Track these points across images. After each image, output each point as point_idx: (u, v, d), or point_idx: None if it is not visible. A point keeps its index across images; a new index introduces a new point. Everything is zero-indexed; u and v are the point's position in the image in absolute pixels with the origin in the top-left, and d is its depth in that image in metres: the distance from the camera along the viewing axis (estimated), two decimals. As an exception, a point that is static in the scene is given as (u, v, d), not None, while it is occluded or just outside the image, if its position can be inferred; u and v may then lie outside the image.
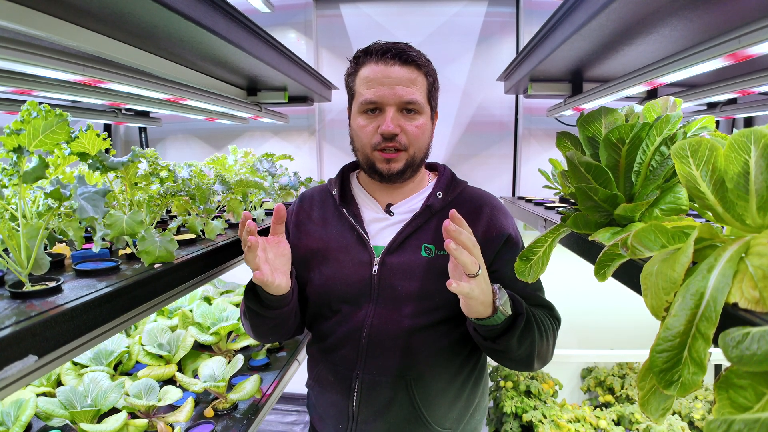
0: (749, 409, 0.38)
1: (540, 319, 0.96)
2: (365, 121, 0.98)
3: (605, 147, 0.74)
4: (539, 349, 0.93)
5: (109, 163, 0.85)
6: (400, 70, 0.95)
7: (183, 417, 1.26)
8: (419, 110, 0.98)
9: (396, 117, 0.96)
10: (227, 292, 2.11)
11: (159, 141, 2.88)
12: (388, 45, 0.97)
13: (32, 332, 0.58)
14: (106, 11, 0.93)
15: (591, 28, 1.04)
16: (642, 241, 0.51)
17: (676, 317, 0.45)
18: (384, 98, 0.95)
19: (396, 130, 0.95)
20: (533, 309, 0.98)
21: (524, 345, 0.90)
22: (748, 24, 0.77)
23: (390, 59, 0.95)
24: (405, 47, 0.97)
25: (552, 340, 0.98)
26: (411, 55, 0.96)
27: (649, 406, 0.48)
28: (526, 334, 0.89)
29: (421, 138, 0.99)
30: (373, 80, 0.96)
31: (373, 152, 0.99)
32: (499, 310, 0.84)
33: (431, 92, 1.01)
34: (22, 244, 0.73)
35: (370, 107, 0.97)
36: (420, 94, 0.97)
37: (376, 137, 0.97)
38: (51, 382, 1.38)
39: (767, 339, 0.35)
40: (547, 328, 0.97)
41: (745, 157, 0.45)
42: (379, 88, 0.95)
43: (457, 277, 0.80)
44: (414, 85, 0.96)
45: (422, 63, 0.98)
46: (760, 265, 0.43)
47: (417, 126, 0.98)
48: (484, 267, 0.82)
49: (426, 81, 0.99)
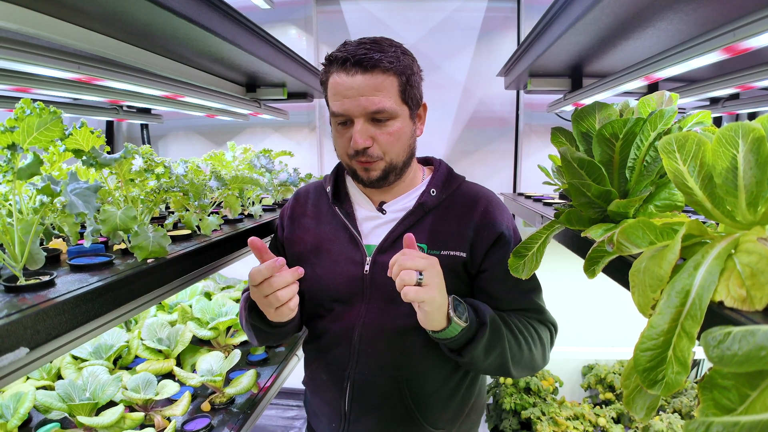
0: (733, 410, 0.37)
1: (518, 327, 0.93)
2: (340, 130, 0.95)
3: (598, 142, 0.73)
4: (516, 358, 0.91)
5: (102, 160, 0.85)
6: (362, 78, 0.88)
7: (180, 410, 1.27)
8: (391, 116, 0.91)
9: (365, 128, 0.91)
10: (228, 288, 2.12)
11: (161, 138, 2.89)
12: (348, 52, 0.89)
13: (23, 325, 0.59)
14: (99, 9, 0.93)
15: (586, 22, 1.02)
16: (629, 238, 0.51)
17: (660, 315, 0.44)
18: (350, 110, 0.90)
19: (366, 143, 0.91)
20: (513, 316, 0.96)
21: (492, 355, 0.88)
22: (743, 17, 0.75)
23: (351, 68, 0.88)
24: (367, 50, 0.88)
25: (539, 346, 0.96)
26: (372, 60, 0.87)
27: (634, 405, 0.48)
28: (494, 344, 0.87)
29: (397, 144, 0.94)
30: (338, 92, 0.90)
31: (351, 161, 0.96)
32: (453, 321, 0.82)
33: (406, 91, 0.93)
34: (17, 239, 0.73)
35: (341, 120, 0.93)
36: (390, 99, 0.90)
37: (350, 148, 0.93)
38: (51, 375, 1.40)
39: (749, 339, 0.34)
40: (529, 334, 0.94)
41: (733, 152, 0.45)
42: (344, 101, 0.90)
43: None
44: (380, 92, 0.89)
45: (388, 64, 0.89)
46: (749, 263, 0.42)
47: (390, 133, 0.92)
48: (436, 277, 0.80)
49: (397, 81, 0.91)
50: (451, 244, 0.97)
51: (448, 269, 0.96)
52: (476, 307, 0.90)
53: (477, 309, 0.89)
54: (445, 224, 0.99)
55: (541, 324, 1.00)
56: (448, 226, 0.99)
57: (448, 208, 1.01)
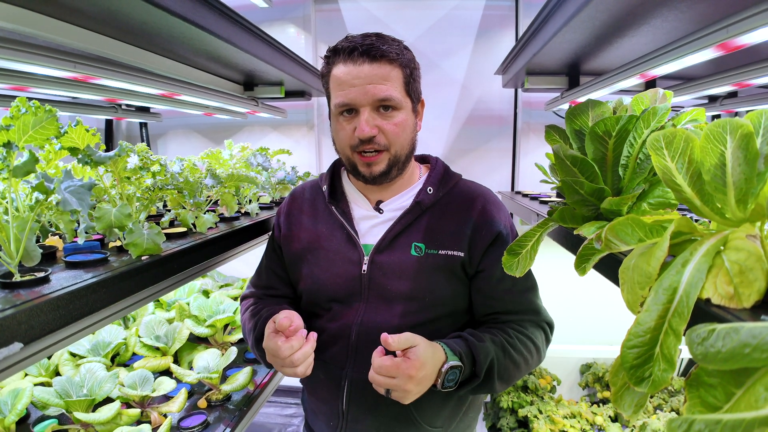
0: (719, 408, 0.37)
1: (513, 353, 0.93)
2: (343, 122, 0.95)
3: (591, 140, 0.73)
4: (507, 382, 0.94)
5: (97, 158, 0.86)
6: (370, 67, 0.89)
7: (176, 407, 1.28)
8: (396, 106, 0.92)
9: (372, 117, 0.91)
10: (226, 286, 2.12)
11: (160, 136, 2.90)
12: (355, 42, 0.91)
13: (17, 320, 0.59)
14: (95, 9, 0.93)
15: (581, 20, 1.02)
16: (618, 235, 0.51)
17: (648, 312, 0.44)
18: (356, 99, 0.90)
19: (372, 132, 0.91)
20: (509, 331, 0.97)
21: (479, 391, 0.93)
22: (737, 13, 0.75)
23: (358, 57, 0.89)
24: (374, 41, 0.90)
25: (534, 356, 0.98)
26: (380, 50, 0.89)
27: (622, 402, 0.48)
28: (481, 387, 0.91)
29: (402, 135, 0.95)
30: (344, 82, 0.91)
31: (353, 154, 0.96)
32: (437, 389, 0.86)
33: (410, 84, 0.95)
34: (12, 236, 0.74)
35: (345, 109, 0.93)
36: (396, 89, 0.91)
37: (354, 139, 0.93)
38: (49, 372, 1.40)
39: (732, 336, 0.34)
40: (526, 351, 0.96)
41: (721, 148, 0.44)
42: (350, 90, 0.90)
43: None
44: (387, 81, 0.90)
45: (395, 55, 0.91)
46: (737, 260, 0.43)
47: (395, 123, 0.93)
48: (406, 394, 0.82)
49: (402, 73, 0.93)
50: (449, 244, 0.97)
51: (446, 269, 0.96)
52: (476, 353, 0.89)
53: (477, 356, 0.89)
54: (442, 223, 0.99)
55: (537, 327, 1.00)
56: (446, 225, 0.98)
57: (445, 206, 1.01)
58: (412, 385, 0.81)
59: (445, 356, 0.86)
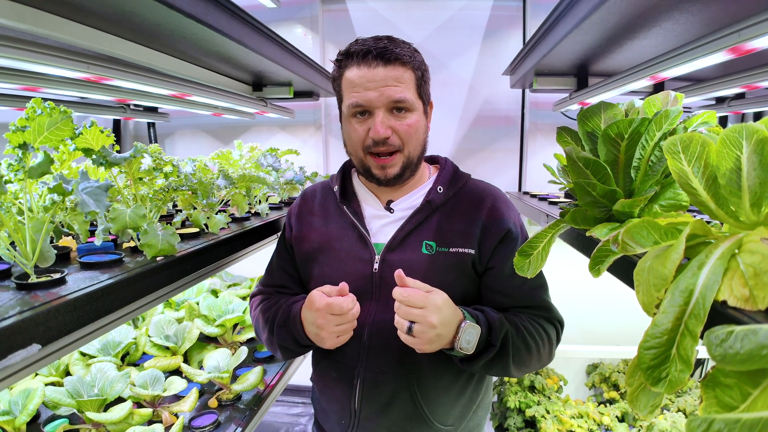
0: (735, 408, 0.37)
1: (528, 330, 0.95)
2: (355, 124, 0.96)
3: (604, 142, 0.73)
4: (521, 365, 0.94)
5: (112, 159, 0.87)
6: (384, 70, 0.91)
7: (187, 407, 1.29)
8: (410, 108, 0.94)
9: (386, 118, 0.93)
10: (234, 285, 2.14)
11: (167, 136, 2.91)
12: (368, 45, 0.92)
13: (35, 322, 0.59)
14: (108, 10, 0.94)
15: (593, 22, 1.02)
16: (633, 237, 0.51)
17: (664, 314, 0.45)
18: (371, 101, 0.92)
19: (387, 133, 0.93)
20: (523, 317, 0.97)
21: (493, 369, 0.93)
22: (748, 18, 0.75)
23: (372, 60, 0.91)
24: (387, 44, 0.92)
25: (546, 346, 0.97)
26: (394, 53, 0.91)
27: (638, 403, 0.48)
28: (495, 362, 0.91)
29: (415, 136, 0.96)
30: (359, 84, 0.92)
31: (366, 156, 0.97)
32: (455, 350, 0.87)
33: (421, 86, 0.97)
34: (28, 237, 0.74)
35: (359, 110, 0.94)
36: (409, 91, 0.93)
37: (368, 140, 0.94)
38: (60, 372, 1.42)
39: (750, 338, 0.35)
40: (539, 336, 0.96)
41: (737, 152, 0.45)
42: (365, 93, 0.92)
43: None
44: (401, 83, 0.92)
45: (407, 58, 0.93)
46: (752, 263, 0.43)
47: (409, 125, 0.95)
48: (428, 330, 0.83)
49: (414, 75, 0.95)
50: (459, 242, 0.98)
51: (457, 267, 0.97)
52: (492, 325, 0.90)
53: (493, 327, 0.90)
54: (452, 222, 1.00)
55: (548, 322, 1.01)
56: (456, 224, 0.99)
57: (455, 205, 1.02)
58: (437, 318, 0.82)
59: (463, 316, 0.88)
